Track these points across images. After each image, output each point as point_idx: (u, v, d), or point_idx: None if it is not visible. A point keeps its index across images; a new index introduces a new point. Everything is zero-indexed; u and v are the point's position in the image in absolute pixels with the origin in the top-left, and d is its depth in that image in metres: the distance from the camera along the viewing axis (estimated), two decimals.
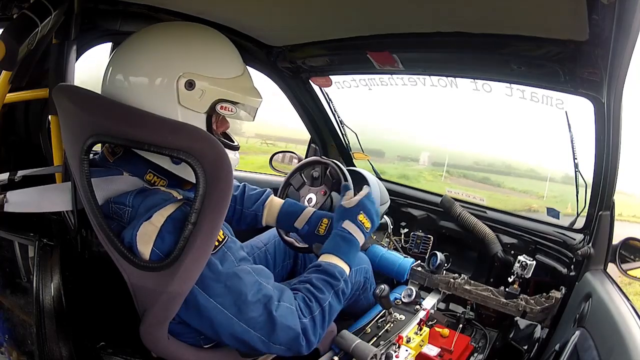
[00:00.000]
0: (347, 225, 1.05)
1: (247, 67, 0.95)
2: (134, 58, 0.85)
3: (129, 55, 0.86)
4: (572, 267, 1.29)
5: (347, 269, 1.00)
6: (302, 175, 1.47)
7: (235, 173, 0.83)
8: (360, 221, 1.07)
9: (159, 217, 0.77)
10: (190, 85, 0.83)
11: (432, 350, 1.19)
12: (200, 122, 0.86)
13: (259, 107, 0.98)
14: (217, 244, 0.81)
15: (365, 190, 1.14)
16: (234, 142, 0.97)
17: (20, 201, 0.86)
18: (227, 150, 0.87)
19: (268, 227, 1.51)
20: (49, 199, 0.91)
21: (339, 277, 0.96)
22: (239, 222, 1.28)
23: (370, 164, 2.07)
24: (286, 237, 1.37)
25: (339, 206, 1.12)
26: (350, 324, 1.28)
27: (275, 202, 1.29)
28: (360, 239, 1.06)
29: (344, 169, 1.35)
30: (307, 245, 1.34)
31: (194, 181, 0.75)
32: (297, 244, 1.36)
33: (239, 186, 1.30)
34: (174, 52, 0.84)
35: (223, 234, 0.83)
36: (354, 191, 1.20)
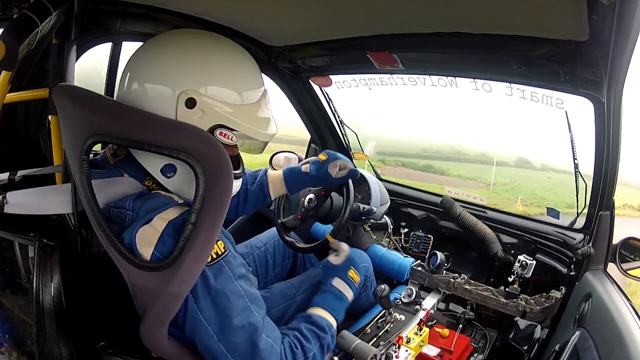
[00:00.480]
0: (338, 283, 1.09)
1: (267, 96, 0.90)
2: (144, 63, 0.84)
3: (140, 58, 0.85)
4: (572, 266, 1.29)
5: (334, 324, 1.02)
6: None
7: None
8: (351, 277, 1.11)
9: (160, 221, 0.77)
10: (191, 103, 0.79)
11: (432, 351, 1.19)
12: None
13: (270, 141, 0.92)
14: (215, 257, 0.79)
15: (345, 247, 1.18)
16: (238, 169, 0.93)
17: (20, 202, 0.86)
18: None
19: (269, 225, 1.52)
20: (49, 201, 0.90)
21: (327, 331, 0.97)
22: (246, 203, 1.27)
23: (370, 164, 2.07)
24: (286, 237, 1.37)
25: (327, 261, 1.16)
26: (350, 324, 1.28)
27: (276, 173, 1.30)
28: (350, 296, 1.10)
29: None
30: (307, 246, 1.34)
31: (187, 196, 0.75)
32: (297, 244, 1.36)
33: None
34: (182, 64, 0.81)
35: (224, 248, 0.81)
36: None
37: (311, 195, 1.42)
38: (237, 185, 0.92)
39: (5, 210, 0.84)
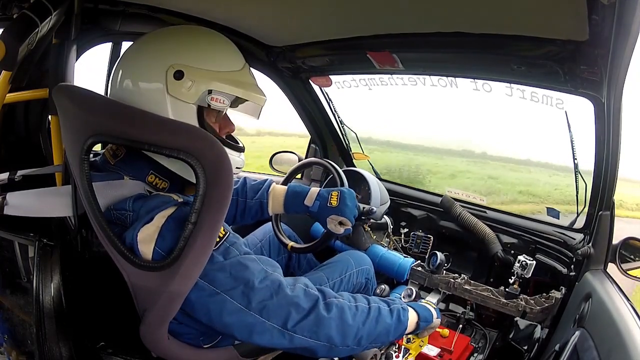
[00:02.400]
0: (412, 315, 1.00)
1: (249, 67, 0.95)
2: (131, 57, 0.88)
3: (127, 56, 0.89)
4: (572, 267, 1.29)
5: (410, 314, 0.97)
6: (304, 172, 1.47)
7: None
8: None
9: (160, 219, 0.77)
10: (179, 75, 0.83)
11: (432, 351, 1.19)
12: (190, 114, 0.86)
13: (263, 105, 0.97)
14: (218, 239, 0.80)
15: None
16: (238, 143, 0.97)
17: (20, 204, 0.86)
18: (232, 152, 0.89)
19: (266, 222, 1.52)
20: (49, 203, 0.90)
21: (397, 302, 0.94)
22: (244, 215, 1.27)
23: (370, 164, 2.07)
24: (280, 235, 1.37)
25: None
26: None
27: (279, 188, 1.27)
28: (409, 320, 0.98)
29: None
30: (302, 246, 1.34)
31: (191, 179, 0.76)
32: (296, 246, 1.36)
33: (238, 180, 1.29)
34: (165, 45, 0.86)
35: (224, 230, 0.82)
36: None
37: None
38: (239, 161, 0.94)
39: (5, 212, 0.84)
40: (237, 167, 0.93)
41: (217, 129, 0.93)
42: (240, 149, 0.96)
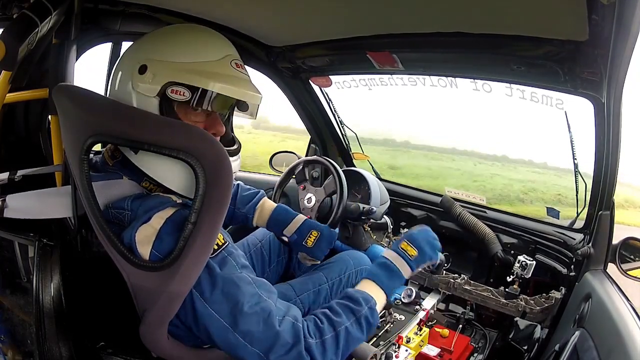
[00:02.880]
0: (387, 253, 1.01)
1: (234, 60, 0.87)
2: (119, 59, 0.89)
3: (124, 56, 0.89)
4: (572, 267, 1.29)
5: (380, 297, 0.93)
6: (306, 171, 1.47)
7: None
8: (403, 248, 1.01)
9: (158, 220, 0.77)
10: (143, 69, 0.81)
11: (432, 351, 1.19)
12: (153, 108, 0.82)
13: (259, 103, 0.91)
14: (216, 247, 0.79)
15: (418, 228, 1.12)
16: (234, 145, 0.93)
17: (20, 207, 0.86)
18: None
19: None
20: (49, 204, 0.90)
21: (363, 303, 0.88)
22: (230, 220, 1.30)
23: (370, 164, 2.07)
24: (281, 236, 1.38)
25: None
26: None
27: (267, 206, 1.29)
28: (401, 265, 0.99)
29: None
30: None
31: (187, 194, 0.76)
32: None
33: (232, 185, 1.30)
34: (139, 43, 0.87)
35: (224, 239, 0.82)
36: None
37: (310, 195, 1.42)
38: (236, 165, 0.89)
39: (5, 215, 0.84)
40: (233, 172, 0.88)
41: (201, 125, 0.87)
42: (234, 152, 0.90)
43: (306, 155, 2.04)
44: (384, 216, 1.70)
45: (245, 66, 0.91)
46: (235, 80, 0.84)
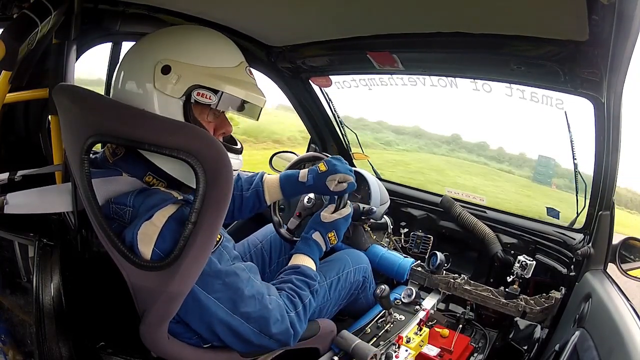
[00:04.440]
0: (317, 237, 1.16)
1: (247, 66, 0.93)
2: (127, 58, 0.89)
3: (125, 57, 0.90)
4: (572, 267, 1.29)
5: (314, 268, 1.11)
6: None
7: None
8: (328, 237, 1.18)
9: (160, 217, 0.77)
10: (166, 69, 0.83)
11: (432, 351, 1.18)
12: (176, 109, 0.85)
13: (262, 106, 0.95)
14: (214, 243, 0.81)
15: (346, 210, 1.21)
16: (237, 144, 0.98)
17: (20, 203, 0.86)
18: (230, 154, 0.86)
19: (266, 222, 1.52)
20: (49, 200, 0.91)
21: (315, 278, 1.07)
22: (241, 208, 1.27)
23: (370, 164, 2.07)
24: (282, 231, 1.38)
25: (317, 215, 1.20)
26: (350, 324, 1.28)
27: (272, 177, 1.29)
28: (323, 247, 1.17)
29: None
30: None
31: (193, 186, 0.76)
32: (295, 239, 1.37)
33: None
34: (156, 43, 0.87)
35: (219, 234, 0.84)
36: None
37: (310, 195, 1.42)
38: (237, 163, 0.94)
39: (5, 211, 0.84)
40: (234, 170, 0.90)
41: (211, 128, 0.92)
42: (238, 151, 0.95)
43: None
44: (384, 216, 1.70)
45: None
46: (251, 86, 0.91)
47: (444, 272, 1.46)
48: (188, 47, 0.86)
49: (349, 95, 1.74)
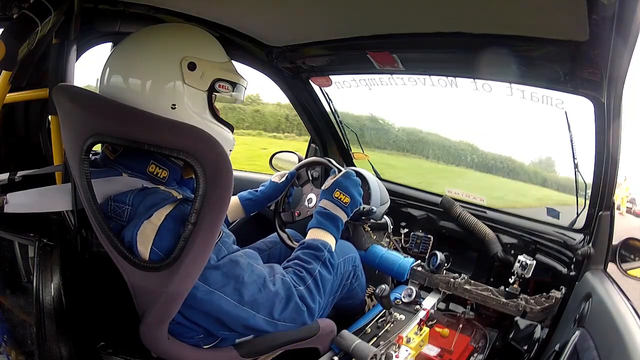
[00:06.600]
0: (324, 203, 1.14)
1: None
2: (133, 57, 0.88)
3: (128, 55, 0.89)
4: (572, 267, 1.29)
5: (331, 241, 1.09)
6: (308, 172, 1.47)
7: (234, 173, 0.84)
8: (336, 197, 1.14)
9: (159, 216, 0.77)
10: (192, 66, 0.90)
11: (432, 351, 1.19)
12: (202, 100, 0.93)
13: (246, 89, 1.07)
14: None
15: (341, 172, 1.22)
16: (229, 123, 1.03)
17: (20, 202, 0.86)
18: (224, 131, 0.96)
19: (269, 224, 1.52)
20: (49, 200, 0.91)
21: (323, 248, 1.04)
22: None
23: (370, 163, 2.07)
24: (288, 242, 1.38)
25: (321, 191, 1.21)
26: (350, 324, 1.28)
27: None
28: (339, 212, 1.13)
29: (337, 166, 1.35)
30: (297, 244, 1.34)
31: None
32: (287, 242, 1.36)
33: None
34: (172, 42, 0.92)
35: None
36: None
37: (312, 196, 1.42)
38: (231, 140, 1.01)
39: (5, 210, 0.84)
40: (229, 150, 0.98)
41: (218, 113, 0.99)
42: (231, 128, 1.02)
43: (306, 155, 2.04)
44: (384, 216, 1.70)
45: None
46: (240, 75, 1.02)
47: (444, 271, 1.46)
48: (202, 45, 0.94)
49: (349, 96, 1.74)
